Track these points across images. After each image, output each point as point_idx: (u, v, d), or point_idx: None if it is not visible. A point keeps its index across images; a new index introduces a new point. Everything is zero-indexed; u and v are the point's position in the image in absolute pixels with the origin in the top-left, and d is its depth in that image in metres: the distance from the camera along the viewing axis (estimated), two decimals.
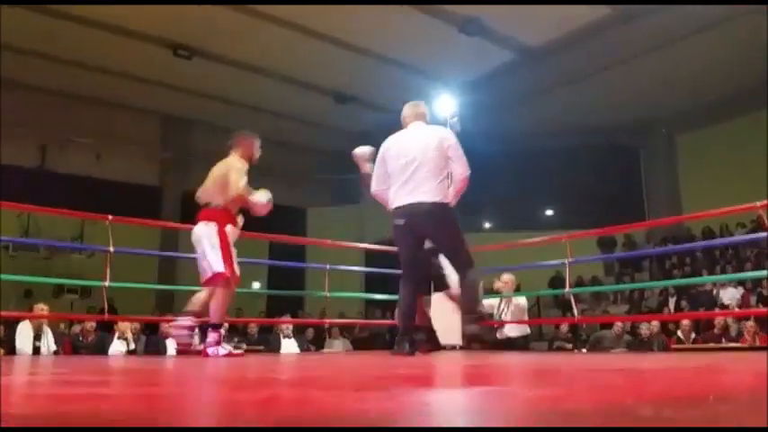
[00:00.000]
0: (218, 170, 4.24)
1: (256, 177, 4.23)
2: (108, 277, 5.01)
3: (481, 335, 3.74)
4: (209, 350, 3.88)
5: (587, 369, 2.28)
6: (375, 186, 3.90)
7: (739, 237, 9.65)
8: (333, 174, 14.99)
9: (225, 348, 3.95)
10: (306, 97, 12.43)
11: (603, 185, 14.37)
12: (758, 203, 4.79)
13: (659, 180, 14.27)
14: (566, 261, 5.98)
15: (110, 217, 5.03)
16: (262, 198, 4.18)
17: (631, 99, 12.30)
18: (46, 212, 6.63)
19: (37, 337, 6.30)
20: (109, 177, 13.15)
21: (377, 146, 4.21)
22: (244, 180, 4.10)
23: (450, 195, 3.69)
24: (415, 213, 3.62)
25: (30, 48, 10.36)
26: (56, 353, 6.43)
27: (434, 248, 4.02)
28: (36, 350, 6.17)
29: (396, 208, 3.69)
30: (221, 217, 4.07)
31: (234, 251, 4.06)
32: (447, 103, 6.70)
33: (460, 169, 3.71)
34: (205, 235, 4.03)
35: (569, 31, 10.06)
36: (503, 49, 10.80)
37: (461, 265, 3.75)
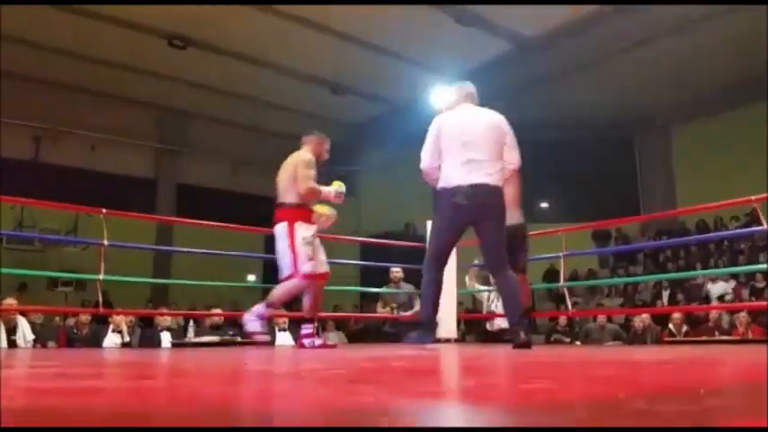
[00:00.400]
0: (287, 166, 4.21)
1: (255, 169, 4.24)
2: (102, 270, 4.99)
3: (529, 342, 3.50)
4: (305, 341, 4.10)
5: (581, 362, 2.28)
6: (428, 162, 3.66)
7: (734, 230, 9.69)
8: (329, 166, 14.95)
9: (320, 339, 4.25)
10: (302, 88, 12.38)
11: (598, 178, 14.38)
12: (752, 197, 4.82)
13: (654, 173, 14.29)
14: (560, 254, 6.01)
15: (104, 210, 5.01)
16: (331, 192, 4.30)
17: (627, 91, 12.30)
18: (40, 205, 6.60)
19: (12, 330, 6.17)
20: (103, 169, 13.11)
21: (374, 135, 4.21)
22: (312, 173, 4.13)
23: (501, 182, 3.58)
24: (478, 194, 3.47)
25: (23, 38, 10.28)
26: (34, 344, 6.35)
27: None
28: (12, 344, 6.04)
29: (455, 186, 3.50)
30: (292, 215, 4.03)
31: (308, 247, 3.98)
32: (443, 94, 6.69)
33: (515, 157, 3.66)
34: (279, 236, 4.03)
35: (565, 22, 10.05)
36: (499, 40, 10.78)
37: (500, 263, 3.60)
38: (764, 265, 9.41)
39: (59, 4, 9.48)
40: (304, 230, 3.99)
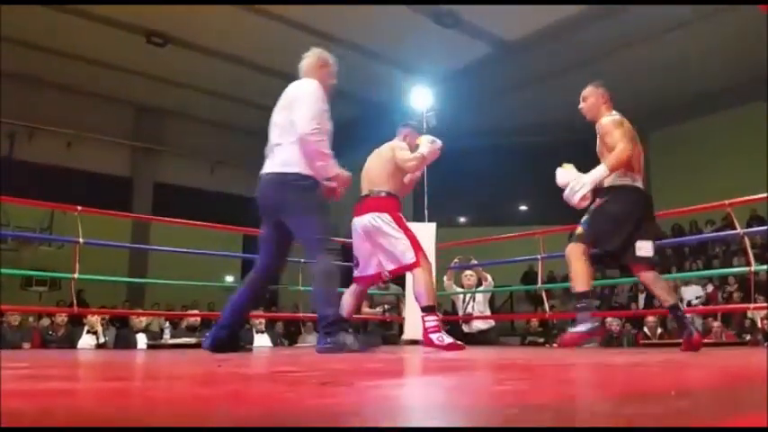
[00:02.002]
0: (377, 159, 3.92)
1: (233, 168, 4.16)
2: (77, 269, 4.92)
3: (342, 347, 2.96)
4: (432, 336, 3.49)
5: (554, 364, 2.30)
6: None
7: (708, 234, 9.83)
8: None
9: (449, 336, 3.56)
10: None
11: None
12: (727, 201, 4.88)
13: None
14: (538, 256, 6.04)
15: (78, 208, 4.93)
16: (431, 145, 3.85)
17: None
18: (14, 202, 6.48)
19: None
20: (79, 167, 12.95)
21: (353, 136, 4.14)
22: (408, 153, 3.82)
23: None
24: (260, 187, 3.21)
25: None
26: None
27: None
28: None
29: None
30: (389, 205, 3.74)
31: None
32: (423, 96, 6.70)
33: (298, 119, 3.13)
34: (376, 227, 3.69)
35: (544, 26, 10.15)
36: (479, 43, 10.84)
37: (316, 260, 3.19)
38: (738, 269, 9.55)
39: (51, 4, 9.35)
40: (404, 220, 3.76)
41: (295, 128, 3.11)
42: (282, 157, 3.15)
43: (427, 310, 3.56)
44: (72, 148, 12.91)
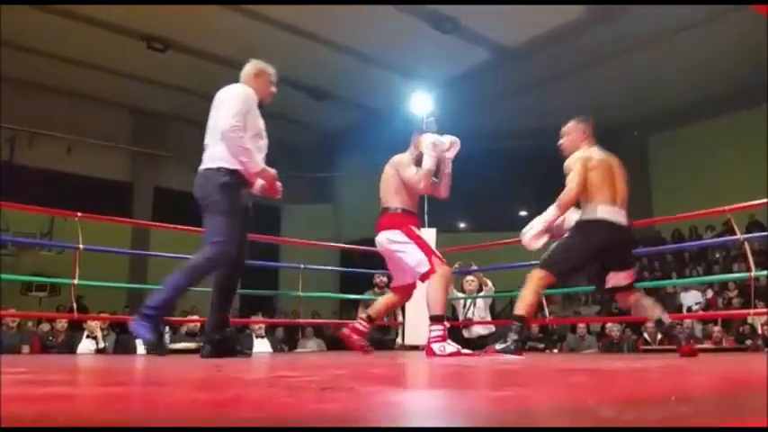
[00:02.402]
0: (388, 174, 3.93)
1: None
2: (77, 275, 4.92)
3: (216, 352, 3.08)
4: (434, 346, 3.45)
5: (554, 369, 2.29)
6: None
7: (708, 240, 9.83)
8: (308, 171, 14.93)
9: (452, 345, 3.48)
10: (282, 93, 12.30)
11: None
12: (726, 207, 4.88)
13: (630, 182, 14.43)
14: (538, 262, 6.03)
15: (78, 213, 4.93)
16: (432, 153, 3.81)
17: (603, 101, 12.44)
18: (14, 208, 6.49)
19: None
20: (79, 172, 12.95)
21: (354, 141, 4.15)
22: (413, 169, 3.82)
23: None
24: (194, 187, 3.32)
25: None
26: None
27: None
28: None
29: None
30: (401, 221, 3.78)
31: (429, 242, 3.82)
32: (423, 101, 6.72)
33: (221, 118, 3.23)
34: (392, 242, 3.74)
35: (543, 32, 10.17)
36: (478, 49, 10.87)
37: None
38: (738, 275, 9.54)
39: (38, 3, 9.36)
40: (416, 230, 3.79)
41: (218, 126, 3.21)
42: (209, 153, 3.29)
43: (435, 319, 3.54)
44: (72, 153, 12.91)
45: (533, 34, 10.28)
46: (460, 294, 6.62)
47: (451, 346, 3.47)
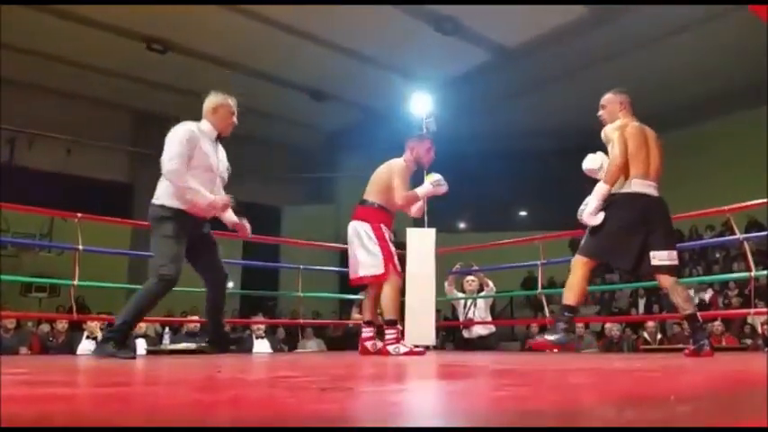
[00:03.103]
0: (381, 172, 4.10)
1: (233, 174, 4.18)
2: (77, 276, 4.92)
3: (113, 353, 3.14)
4: (389, 348, 3.77)
5: (553, 369, 2.29)
6: None
7: (708, 239, 9.83)
8: (308, 172, 14.93)
9: (405, 346, 3.81)
10: (282, 94, 12.36)
11: (577, 187, 14.50)
12: (726, 207, 4.89)
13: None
14: (538, 262, 6.04)
15: (78, 215, 4.94)
16: (430, 187, 4.00)
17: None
18: (13, 209, 6.48)
19: None
20: (79, 173, 12.94)
21: (353, 142, 4.22)
22: (406, 187, 4.01)
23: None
24: None
25: None
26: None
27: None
28: None
29: None
30: (375, 216, 3.95)
31: (393, 248, 3.94)
32: (423, 102, 6.71)
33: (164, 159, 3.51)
34: (357, 235, 3.94)
35: (543, 33, 10.17)
36: (478, 50, 10.87)
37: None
38: (738, 274, 9.55)
39: (38, 3, 9.36)
40: (386, 231, 3.95)
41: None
42: (158, 188, 3.55)
43: (389, 323, 3.83)
44: (72, 154, 12.90)
45: (534, 35, 10.28)
46: (461, 294, 6.62)
47: (405, 347, 3.78)
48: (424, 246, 5.56)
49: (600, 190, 3.44)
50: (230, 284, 14.80)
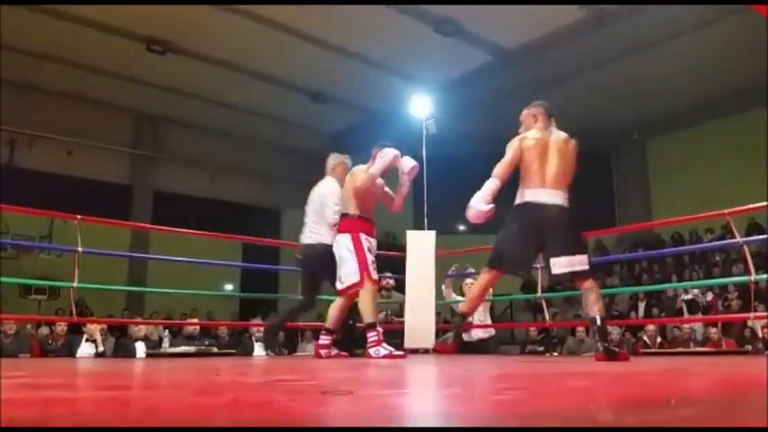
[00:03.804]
0: (347, 182, 4.39)
1: (233, 176, 4.22)
2: (76, 278, 4.92)
3: None
4: (371, 350, 3.95)
5: (553, 373, 2.29)
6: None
7: (708, 243, 9.83)
8: (309, 174, 14.89)
9: (386, 348, 3.96)
10: (282, 96, 12.37)
11: (575, 190, 14.49)
12: (726, 210, 4.89)
13: (630, 185, 14.46)
14: (537, 265, 6.03)
15: (78, 216, 4.94)
16: (382, 160, 4.19)
17: (603, 104, 12.45)
18: (13, 211, 6.49)
19: None
20: (79, 175, 12.94)
21: (353, 144, 4.30)
22: (363, 175, 4.23)
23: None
24: None
25: None
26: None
27: None
28: None
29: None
30: (354, 226, 4.16)
31: (370, 256, 4.12)
32: (422, 104, 6.71)
33: None
34: (338, 245, 4.18)
35: (543, 35, 10.18)
36: (478, 51, 10.87)
37: None
38: (737, 278, 9.54)
39: (39, 3, 9.36)
40: (366, 240, 4.13)
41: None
42: (319, 232, 4.77)
43: (369, 326, 4.02)
44: (72, 155, 12.91)
45: (534, 37, 10.29)
46: (460, 298, 6.61)
47: (384, 349, 3.93)
48: (424, 248, 5.56)
49: (488, 183, 3.67)
50: (230, 287, 14.86)
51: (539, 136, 3.67)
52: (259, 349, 7.35)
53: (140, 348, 6.88)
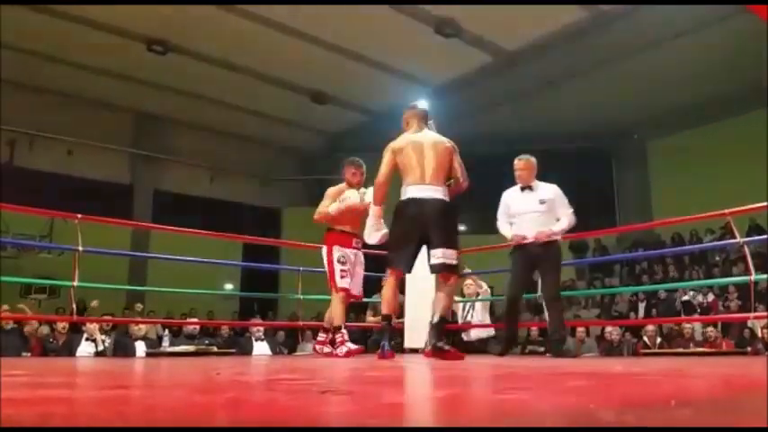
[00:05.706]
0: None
1: (234, 176, 4.25)
2: (76, 277, 4.91)
3: None
4: (336, 350, 4.38)
5: (553, 373, 2.29)
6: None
7: (708, 243, 9.82)
8: (309, 174, 14.93)
9: (347, 347, 4.29)
10: (283, 96, 12.37)
11: (576, 190, 14.49)
12: (726, 211, 4.88)
13: (630, 185, 14.45)
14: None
15: (78, 215, 4.93)
16: (339, 205, 4.56)
17: (603, 104, 12.45)
18: (14, 210, 6.48)
19: None
20: (80, 174, 12.94)
21: (354, 144, 4.34)
22: (324, 205, 4.61)
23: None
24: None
25: None
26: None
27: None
28: None
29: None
30: (328, 239, 4.60)
31: (339, 266, 4.49)
32: (423, 104, 6.71)
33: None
34: (322, 258, 4.61)
35: (543, 35, 10.17)
36: (479, 52, 10.87)
37: None
38: (738, 278, 9.54)
39: (39, 3, 9.36)
40: (338, 251, 4.51)
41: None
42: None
43: (336, 329, 4.42)
44: (72, 155, 12.91)
45: (534, 37, 10.29)
46: (459, 298, 6.61)
47: (345, 348, 4.26)
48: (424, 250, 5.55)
49: (371, 212, 3.86)
50: (229, 286, 14.86)
51: (412, 138, 3.82)
52: (259, 348, 7.34)
53: (140, 347, 6.88)
